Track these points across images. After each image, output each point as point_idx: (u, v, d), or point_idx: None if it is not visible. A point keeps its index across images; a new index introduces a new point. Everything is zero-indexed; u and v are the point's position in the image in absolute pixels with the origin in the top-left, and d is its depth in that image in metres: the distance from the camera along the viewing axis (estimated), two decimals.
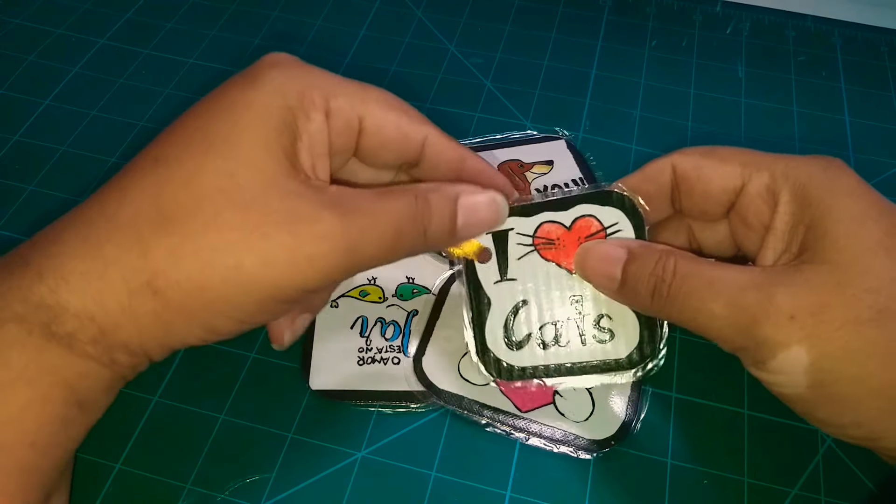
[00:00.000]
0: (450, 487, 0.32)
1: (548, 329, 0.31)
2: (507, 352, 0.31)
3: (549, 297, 0.31)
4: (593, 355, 0.30)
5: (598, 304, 0.30)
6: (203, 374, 0.35)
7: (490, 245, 0.31)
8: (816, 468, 0.32)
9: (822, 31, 0.53)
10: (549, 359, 0.30)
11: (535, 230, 0.31)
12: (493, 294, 0.31)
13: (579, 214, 0.31)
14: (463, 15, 0.54)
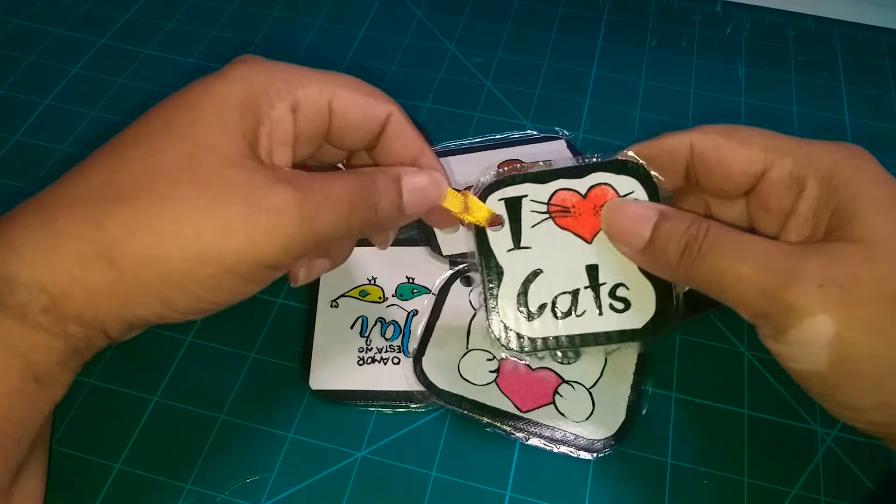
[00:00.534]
0: (450, 487, 0.32)
1: (563, 298, 0.30)
2: (522, 322, 0.30)
3: (564, 267, 0.30)
4: (609, 325, 0.30)
5: (614, 273, 0.30)
6: (203, 374, 0.35)
7: (503, 212, 0.30)
8: (816, 468, 0.32)
9: (822, 31, 0.53)
10: (566, 328, 0.30)
11: (549, 197, 0.31)
12: (506, 263, 0.30)
13: (595, 182, 0.30)
14: (463, 15, 0.54)
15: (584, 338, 0.30)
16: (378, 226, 0.28)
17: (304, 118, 0.28)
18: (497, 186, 0.31)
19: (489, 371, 0.34)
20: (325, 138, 0.30)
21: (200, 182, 0.24)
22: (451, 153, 0.43)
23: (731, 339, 0.36)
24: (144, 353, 0.35)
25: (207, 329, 0.36)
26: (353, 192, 0.27)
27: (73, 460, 0.32)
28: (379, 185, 0.28)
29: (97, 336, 0.25)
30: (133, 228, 0.23)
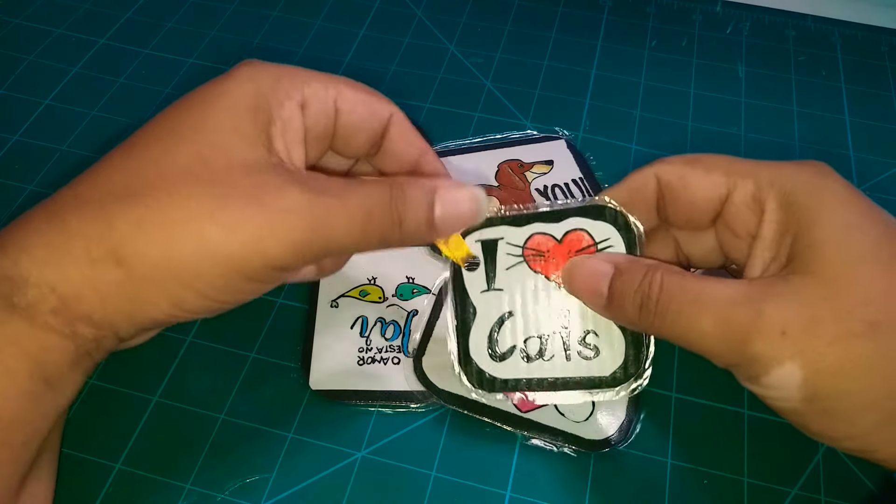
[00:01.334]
0: (450, 487, 0.32)
1: (532, 342, 0.30)
2: (491, 363, 0.30)
3: (536, 310, 0.30)
4: (577, 371, 0.30)
5: (585, 319, 0.30)
6: (203, 374, 0.35)
7: (479, 253, 0.31)
8: (816, 468, 0.32)
9: (822, 31, 0.53)
10: (533, 372, 0.30)
11: (525, 241, 0.31)
12: (479, 303, 0.31)
13: (571, 228, 0.31)
14: (463, 15, 0.54)
15: (552, 383, 0.30)
16: (399, 241, 0.27)
17: (312, 116, 0.28)
18: (475, 227, 0.31)
19: None
20: (330, 142, 0.29)
21: (211, 182, 0.24)
22: (451, 153, 0.43)
23: None
24: (144, 354, 0.35)
25: (207, 329, 0.36)
26: (374, 202, 0.26)
27: (73, 460, 0.32)
28: (408, 196, 0.27)
29: (107, 337, 0.25)
30: (142, 227, 0.23)
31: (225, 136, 0.25)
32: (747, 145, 0.45)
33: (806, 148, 0.45)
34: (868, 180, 0.44)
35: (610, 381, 0.30)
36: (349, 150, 0.30)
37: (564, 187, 0.42)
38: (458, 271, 0.31)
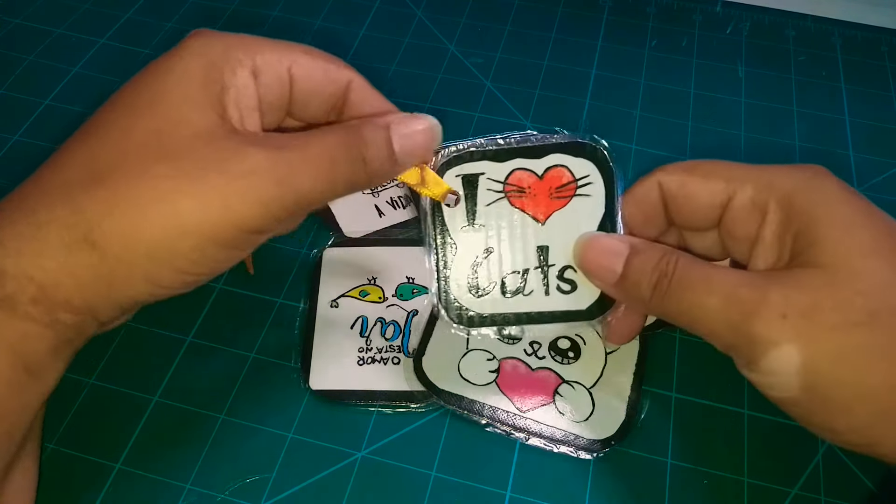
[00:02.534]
0: (450, 487, 0.32)
1: (512, 278, 0.30)
2: (471, 299, 0.30)
3: (516, 246, 0.31)
4: (556, 305, 0.30)
5: (564, 255, 0.30)
6: (203, 374, 0.35)
7: (460, 188, 0.31)
8: (816, 468, 0.32)
9: (822, 31, 0.53)
10: (513, 307, 0.30)
11: (506, 177, 0.31)
12: (460, 240, 0.31)
13: (552, 164, 0.31)
14: (463, 15, 0.54)
15: (530, 316, 0.30)
16: (368, 181, 0.28)
17: (266, 84, 0.28)
18: (455, 162, 0.31)
19: (489, 371, 0.34)
20: (287, 109, 0.29)
21: (172, 156, 0.24)
22: None
23: None
24: (144, 353, 0.35)
25: (207, 329, 0.36)
26: (334, 147, 0.26)
27: (73, 460, 0.32)
28: (366, 136, 0.27)
29: (87, 322, 0.25)
30: (110, 209, 0.24)
31: (180, 109, 0.25)
32: (747, 145, 0.45)
33: (806, 148, 0.45)
34: (868, 180, 0.44)
35: (586, 314, 0.30)
36: (307, 116, 0.30)
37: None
38: (438, 207, 0.31)
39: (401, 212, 0.41)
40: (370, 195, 0.41)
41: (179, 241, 0.24)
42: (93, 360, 0.35)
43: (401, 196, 0.42)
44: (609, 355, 0.35)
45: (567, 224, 0.30)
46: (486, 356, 0.35)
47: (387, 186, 0.42)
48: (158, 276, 0.25)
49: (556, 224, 0.31)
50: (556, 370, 0.34)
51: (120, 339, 0.36)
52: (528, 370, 0.34)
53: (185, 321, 0.36)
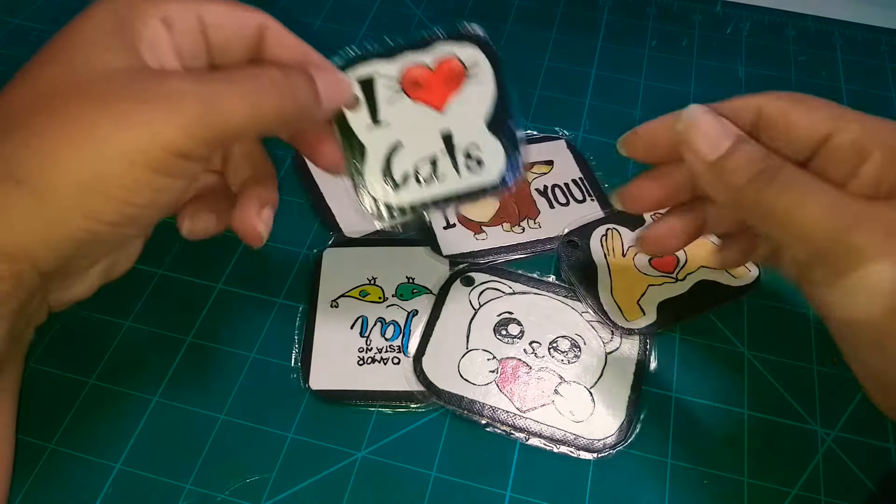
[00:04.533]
0: (450, 487, 0.32)
1: (424, 166, 0.31)
2: (390, 193, 0.31)
3: (421, 136, 0.32)
4: (470, 183, 0.31)
5: (466, 136, 0.31)
6: (203, 374, 0.35)
7: (358, 92, 0.31)
8: (816, 468, 0.32)
9: (822, 31, 0.53)
10: (429, 192, 0.31)
11: (400, 73, 0.32)
12: (367, 140, 0.31)
13: (440, 54, 0.32)
14: (463, 15, 0.54)
15: (448, 198, 0.31)
16: (296, 115, 0.28)
17: (180, 33, 0.27)
18: (348, 66, 0.31)
19: (489, 371, 0.34)
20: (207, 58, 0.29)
21: (90, 91, 0.24)
22: None
23: (731, 339, 0.36)
24: (144, 353, 0.35)
25: (207, 329, 0.36)
26: (262, 78, 0.26)
27: (73, 460, 0.32)
28: (292, 76, 0.27)
29: (26, 272, 0.24)
30: (31, 145, 0.23)
31: (93, 51, 0.25)
32: None
33: None
34: None
35: (498, 186, 0.31)
36: (230, 65, 0.30)
37: (564, 187, 0.42)
38: (341, 114, 0.31)
39: None
40: None
41: (108, 167, 0.23)
42: (93, 360, 0.35)
43: None
44: (609, 355, 0.35)
45: (464, 108, 0.32)
46: (486, 356, 0.35)
47: None
48: (94, 208, 0.24)
49: (455, 110, 0.32)
50: (556, 370, 0.34)
51: (120, 338, 0.36)
52: (528, 370, 0.34)
53: (185, 321, 0.36)
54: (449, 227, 0.40)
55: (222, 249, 0.39)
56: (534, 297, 0.37)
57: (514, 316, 0.36)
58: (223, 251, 0.39)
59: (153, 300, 0.37)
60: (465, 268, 0.38)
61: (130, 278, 0.38)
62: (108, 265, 0.30)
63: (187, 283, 0.38)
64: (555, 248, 0.39)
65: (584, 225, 0.40)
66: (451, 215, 0.33)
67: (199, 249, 0.39)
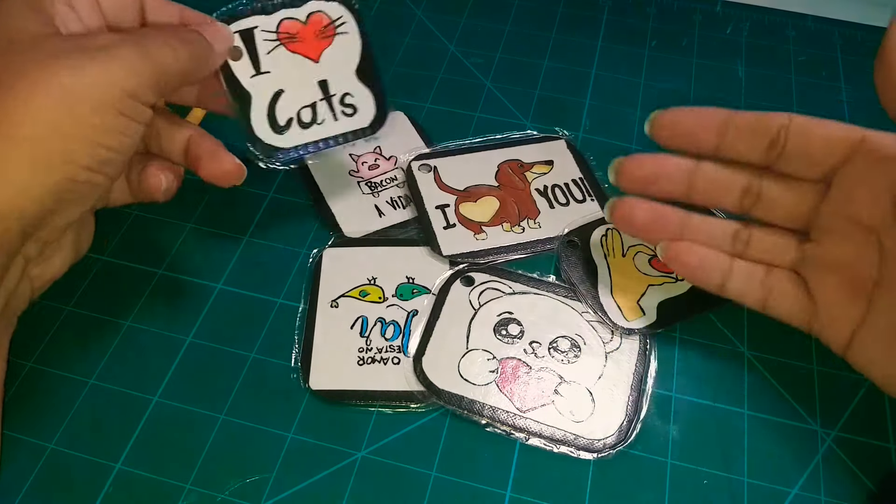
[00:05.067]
0: (450, 487, 0.32)
1: (305, 111, 0.35)
2: (275, 136, 0.35)
3: (301, 84, 0.35)
4: (346, 127, 0.36)
5: (341, 85, 0.35)
6: (203, 374, 0.35)
7: (240, 44, 0.34)
8: (816, 468, 0.32)
9: (822, 31, 0.53)
10: (311, 136, 0.35)
11: (277, 26, 0.35)
12: (251, 87, 0.34)
13: (311, 10, 0.35)
14: (463, 15, 0.54)
15: (327, 141, 0.35)
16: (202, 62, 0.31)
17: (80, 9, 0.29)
18: (229, 21, 0.34)
19: (489, 371, 0.34)
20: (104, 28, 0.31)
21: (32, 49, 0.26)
22: (451, 153, 0.43)
23: (731, 339, 0.36)
24: (144, 353, 0.35)
25: (207, 329, 0.36)
26: (167, 31, 0.30)
27: (72, 460, 0.32)
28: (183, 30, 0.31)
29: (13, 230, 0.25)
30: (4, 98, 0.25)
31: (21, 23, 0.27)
32: None
33: None
34: None
35: (370, 129, 0.36)
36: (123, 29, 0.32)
37: (564, 187, 0.42)
38: (226, 64, 0.34)
39: (401, 212, 0.41)
40: (370, 195, 0.41)
41: (79, 109, 0.25)
42: (93, 360, 0.35)
43: (401, 196, 0.42)
44: (609, 355, 0.35)
45: (336, 59, 0.35)
46: (486, 356, 0.35)
47: (387, 187, 0.42)
48: (72, 150, 0.26)
49: (328, 60, 0.35)
50: (556, 370, 0.34)
51: (120, 338, 0.36)
52: (528, 370, 0.34)
53: (185, 321, 0.36)
54: (449, 227, 0.39)
55: (222, 249, 0.39)
56: (534, 297, 0.37)
57: (514, 316, 0.36)
58: (223, 251, 0.39)
59: (153, 300, 0.37)
60: (465, 268, 0.38)
61: (130, 278, 0.38)
62: (76, 237, 0.31)
63: (187, 282, 0.38)
64: (555, 248, 0.39)
65: (584, 225, 0.40)
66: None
67: (199, 249, 0.39)
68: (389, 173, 0.43)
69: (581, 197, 0.42)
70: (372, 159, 0.43)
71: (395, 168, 0.43)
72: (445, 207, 0.40)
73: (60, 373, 0.35)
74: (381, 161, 0.43)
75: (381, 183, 0.42)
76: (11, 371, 0.34)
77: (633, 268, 0.38)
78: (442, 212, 0.40)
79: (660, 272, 0.38)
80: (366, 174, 0.43)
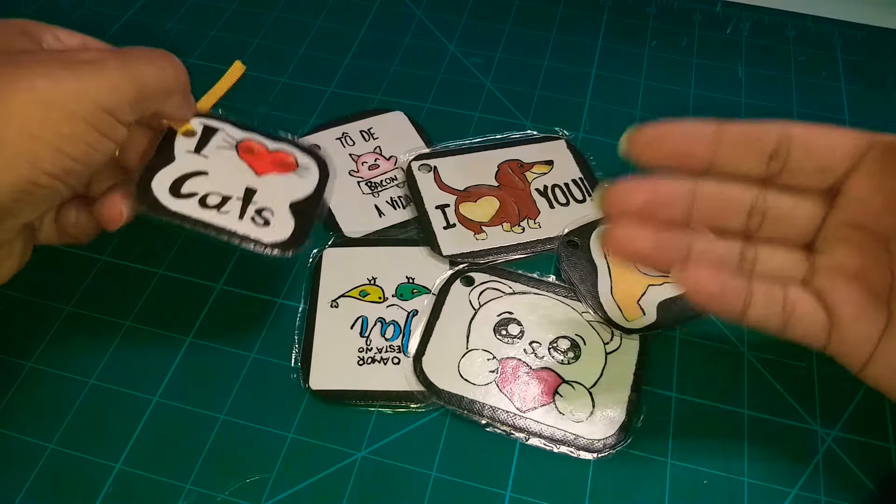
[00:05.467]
0: (450, 487, 0.32)
1: (213, 197, 0.33)
2: (168, 196, 0.32)
3: (228, 179, 0.33)
4: (246, 230, 0.32)
5: (268, 201, 0.33)
6: (203, 374, 0.35)
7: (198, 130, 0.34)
8: (816, 468, 0.32)
9: (822, 31, 0.53)
10: (203, 216, 0.32)
11: (241, 139, 0.35)
12: (180, 156, 0.33)
13: (279, 148, 0.35)
14: (463, 15, 0.54)
15: (217, 228, 0.32)
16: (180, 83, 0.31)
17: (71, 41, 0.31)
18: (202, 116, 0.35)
19: (489, 371, 0.34)
20: None
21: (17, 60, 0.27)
22: (451, 153, 0.43)
23: (731, 339, 0.36)
24: (144, 353, 0.35)
25: (207, 329, 0.36)
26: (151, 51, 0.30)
27: (73, 460, 0.32)
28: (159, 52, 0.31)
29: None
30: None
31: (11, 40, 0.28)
32: None
33: None
34: None
35: (274, 245, 0.32)
36: None
37: (564, 187, 0.42)
38: (173, 134, 0.34)
39: (401, 212, 0.41)
40: (370, 195, 0.41)
41: (50, 116, 0.26)
42: (93, 360, 0.35)
43: (401, 196, 0.42)
44: (609, 355, 0.35)
45: (280, 185, 0.34)
46: (486, 356, 0.35)
47: (387, 187, 0.42)
48: (37, 155, 0.26)
49: (271, 181, 0.34)
50: (556, 370, 0.34)
51: (120, 338, 0.36)
52: (528, 370, 0.34)
53: (185, 321, 0.36)
54: (449, 227, 0.40)
55: (222, 250, 0.39)
56: (534, 297, 0.37)
57: (514, 316, 0.36)
58: (223, 251, 0.39)
59: (153, 300, 0.37)
60: (465, 268, 0.38)
61: (130, 278, 0.38)
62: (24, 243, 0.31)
63: (187, 283, 0.38)
64: (555, 248, 0.39)
65: (584, 225, 0.40)
66: (234, 241, 0.33)
67: (199, 250, 0.39)
68: (389, 173, 0.43)
69: (581, 197, 0.42)
70: (372, 159, 0.43)
71: (395, 168, 0.43)
72: (445, 207, 0.40)
73: (60, 373, 0.35)
74: (380, 161, 0.43)
75: (381, 183, 0.42)
76: (11, 371, 0.34)
77: (634, 268, 0.38)
78: (442, 212, 0.40)
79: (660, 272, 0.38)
80: (366, 174, 0.43)
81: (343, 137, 0.45)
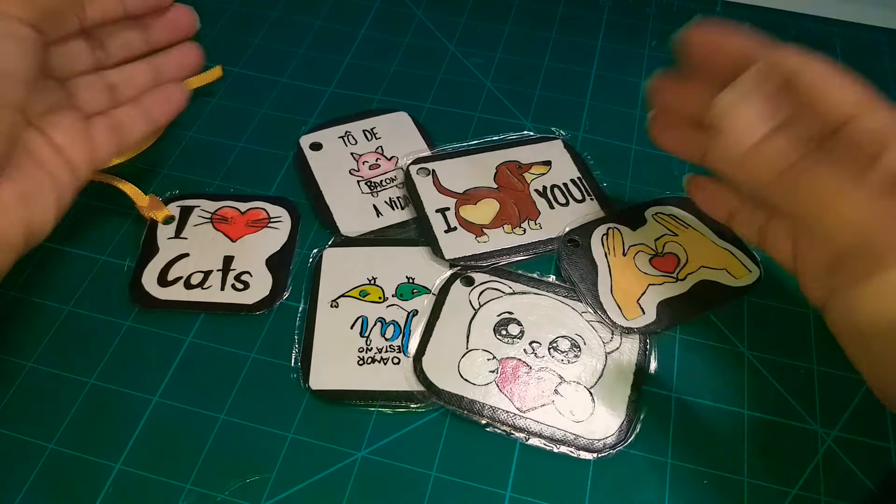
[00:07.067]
0: (450, 487, 0.32)
1: (197, 276, 0.37)
2: (157, 287, 0.37)
3: (208, 255, 0.38)
4: (228, 299, 0.37)
5: (245, 264, 0.38)
6: (203, 374, 0.35)
7: (176, 214, 0.39)
8: (816, 468, 0.32)
9: (822, 31, 0.53)
10: (191, 296, 0.37)
11: (216, 210, 0.40)
12: (163, 245, 0.38)
13: (253, 206, 0.40)
14: (463, 15, 0.54)
15: (207, 305, 0.36)
16: None
17: None
18: (177, 199, 0.40)
19: (489, 371, 0.34)
20: None
21: None
22: (448, 156, 0.43)
23: (731, 339, 0.36)
24: (145, 353, 0.35)
25: (207, 329, 0.36)
26: None
27: (73, 460, 0.32)
28: None
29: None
30: None
31: None
32: None
33: None
34: None
35: (256, 304, 0.37)
36: None
37: (563, 187, 0.42)
38: (155, 226, 0.39)
39: (399, 212, 0.41)
40: (369, 195, 0.41)
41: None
42: (93, 360, 0.35)
43: (399, 196, 0.42)
44: (609, 355, 0.35)
45: (255, 243, 0.39)
46: (486, 356, 0.35)
47: (386, 187, 0.42)
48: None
49: (246, 242, 0.39)
50: (556, 370, 0.34)
51: (120, 338, 0.36)
52: (528, 370, 0.34)
53: (185, 321, 0.36)
54: (450, 230, 0.39)
55: None
56: (534, 297, 0.37)
57: (514, 316, 0.36)
58: None
59: None
60: (465, 268, 0.38)
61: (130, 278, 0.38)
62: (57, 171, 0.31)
63: None
64: (555, 248, 0.39)
65: (585, 224, 0.40)
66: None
67: None
68: (390, 173, 0.43)
69: (580, 197, 0.42)
70: (373, 159, 0.43)
71: (396, 168, 0.43)
72: (446, 211, 0.40)
73: (60, 373, 0.35)
74: (382, 161, 0.43)
75: (380, 183, 0.42)
76: (11, 371, 0.34)
77: (634, 267, 0.38)
78: (442, 215, 0.40)
79: (660, 272, 0.38)
80: (366, 174, 0.43)
81: (346, 136, 0.45)
